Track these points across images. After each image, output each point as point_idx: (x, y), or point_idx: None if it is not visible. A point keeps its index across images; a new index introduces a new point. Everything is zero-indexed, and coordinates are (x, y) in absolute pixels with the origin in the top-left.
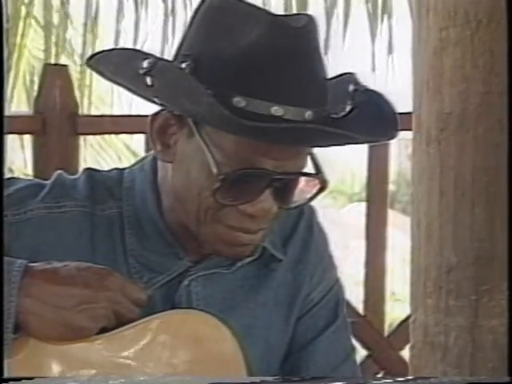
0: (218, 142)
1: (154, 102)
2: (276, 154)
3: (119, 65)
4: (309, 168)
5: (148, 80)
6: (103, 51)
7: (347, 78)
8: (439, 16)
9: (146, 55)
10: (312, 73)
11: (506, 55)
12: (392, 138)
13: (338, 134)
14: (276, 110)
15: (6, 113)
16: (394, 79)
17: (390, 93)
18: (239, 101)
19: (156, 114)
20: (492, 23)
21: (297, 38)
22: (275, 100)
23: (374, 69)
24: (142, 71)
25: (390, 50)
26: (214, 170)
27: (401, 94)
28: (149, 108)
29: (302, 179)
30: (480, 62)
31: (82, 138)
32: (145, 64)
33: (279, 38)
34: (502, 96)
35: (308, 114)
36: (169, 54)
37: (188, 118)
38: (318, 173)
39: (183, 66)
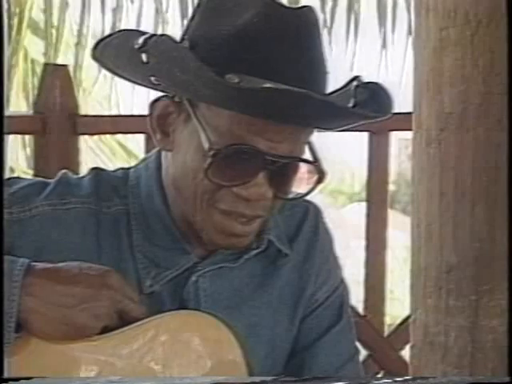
0: (213, 122)
1: (151, 85)
2: (271, 134)
3: (119, 46)
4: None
5: (144, 57)
6: (106, 37)
7: (353, 79)
8: (439, 16)
9: (143, 33)
10: (308, 53)
11: (506, 55)
12: (384, 116)
13: (326, 101)
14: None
15: (6, 113)
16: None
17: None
18: (231, 77)
19: (155, 102)
20: (492, 23)
21: (292, 18)
22: (268, 77)
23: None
24: (137, 46)
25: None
26: (206, 146)
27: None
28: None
29: (302, 171)
30: (480, 62)
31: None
32: (140, 40)
33: (273, 17)
34: (502, 96)
35: None
36: None
37: (182, 95)
38: (315, 161)
39: None
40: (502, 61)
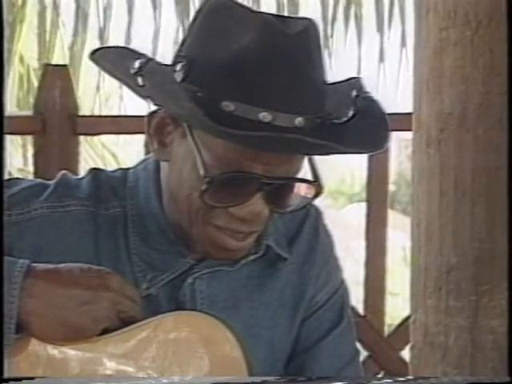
0: (209, 145)
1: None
2: (266, 159)
3: (115, 63)
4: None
5: (139, 80)
6: (102, 48)
7: (352, 82)
8: (439, 16)
9: (139, 55)
10: (306, 79)
11: (506, 55)
12: (378, 150)
13: (320, 144)
14: (264, 116)
15: (6, 113)
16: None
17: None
18: (228, 105)
19: (153, 113)
20: (492, 23)
21: (290, 44)
22: (264, 106)
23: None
24: (132, 71)
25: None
26: (202, 172)
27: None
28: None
29: (299, 183)
30: (480, 62)
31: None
32: (136, 64)
33: (271, 43)
34: (502, 96)
35: (298, 120)
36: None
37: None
38: (315, 178)
39: (178, 67)
40: (502, 61)
